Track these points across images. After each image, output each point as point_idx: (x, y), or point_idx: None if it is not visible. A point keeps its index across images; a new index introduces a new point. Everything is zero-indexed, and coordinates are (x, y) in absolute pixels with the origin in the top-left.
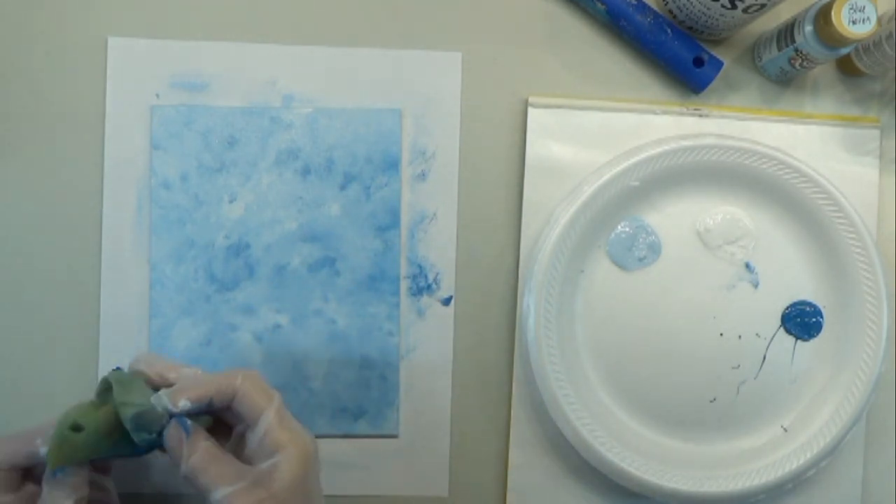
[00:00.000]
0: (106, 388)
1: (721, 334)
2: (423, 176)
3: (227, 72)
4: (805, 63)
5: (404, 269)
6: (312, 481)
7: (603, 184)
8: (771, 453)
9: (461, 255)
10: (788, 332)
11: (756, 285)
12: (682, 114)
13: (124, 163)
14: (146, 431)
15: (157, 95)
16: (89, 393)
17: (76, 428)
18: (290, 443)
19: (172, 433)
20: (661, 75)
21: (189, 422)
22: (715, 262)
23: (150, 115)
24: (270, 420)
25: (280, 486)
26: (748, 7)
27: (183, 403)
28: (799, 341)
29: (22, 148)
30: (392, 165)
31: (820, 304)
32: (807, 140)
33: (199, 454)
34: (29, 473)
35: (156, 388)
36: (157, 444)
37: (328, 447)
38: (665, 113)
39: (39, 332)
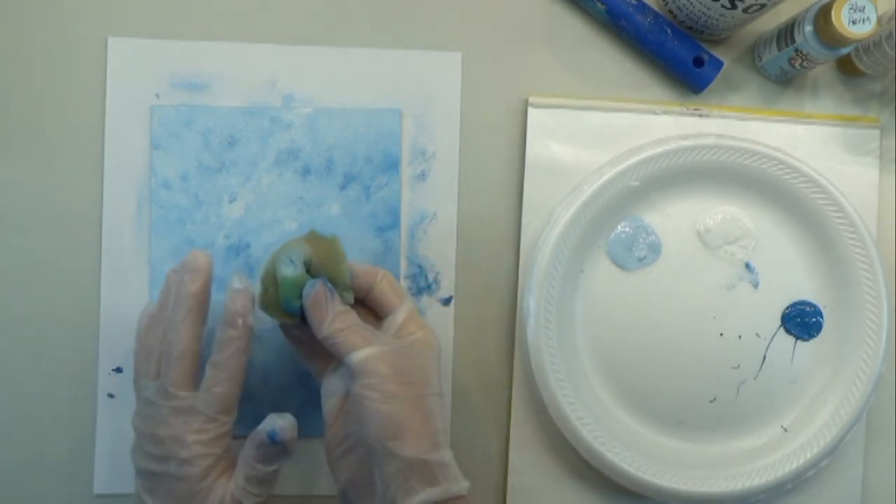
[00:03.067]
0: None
1: (721, 334)
2: (423, 176)
3: (227, 72)
4: (805, 63)
5: (404, 269)
6: (438, 369)
7: (603, 184)
8: (771, 453)
9: (461, 255)
10: (788, 332)
11: (756, 285)
12: (682, 114)
13: (124, 163)
14: (297, 297)
15: (157, 95)
16: (89, 393)
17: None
18: (424, 330)
19: (318, 291)
20: (661, 75)
21: (333, 288)
22: (715, 262)
23: (150, 115)
24: (410, 308)
25: (417, 357)
26: (748, 7)
27: None
28: (799, 341)
29: (22, 148)
30: (392, 165)
31: (820, 304)
32: (807, 140)
33: (340, 318)
34: None
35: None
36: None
37: None
38: (665, 113)
39: (39, 331)
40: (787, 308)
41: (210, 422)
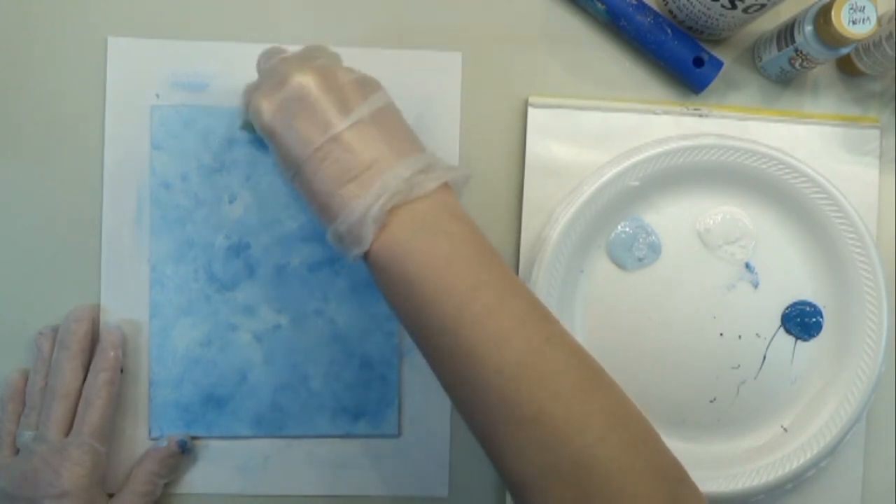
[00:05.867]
0: None
1: (721, 334)
2: None
3: (227, 72)
4: (805, 63)
5: None
6: None
7: (603, 184)
8: (771, 453)
9: None
10: (788, 332)
11: (756, 285)
12: (682, 114)
13: (124, 163)
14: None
15: (157, 95)
16: None
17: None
18: None
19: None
20: (661, 75)
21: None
22: (715, 262)
23: (150, 115)
24: None
25: None
26: (748, 7)
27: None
28: (799, 341)
29: (22, 148)
30: None
31: (820, 304)
32: (807, 140)
33: None
34: None
35: None
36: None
37: (328, 447)
38: (665, 113)
39: None
40: (787, 308)
41: (86, 453)
